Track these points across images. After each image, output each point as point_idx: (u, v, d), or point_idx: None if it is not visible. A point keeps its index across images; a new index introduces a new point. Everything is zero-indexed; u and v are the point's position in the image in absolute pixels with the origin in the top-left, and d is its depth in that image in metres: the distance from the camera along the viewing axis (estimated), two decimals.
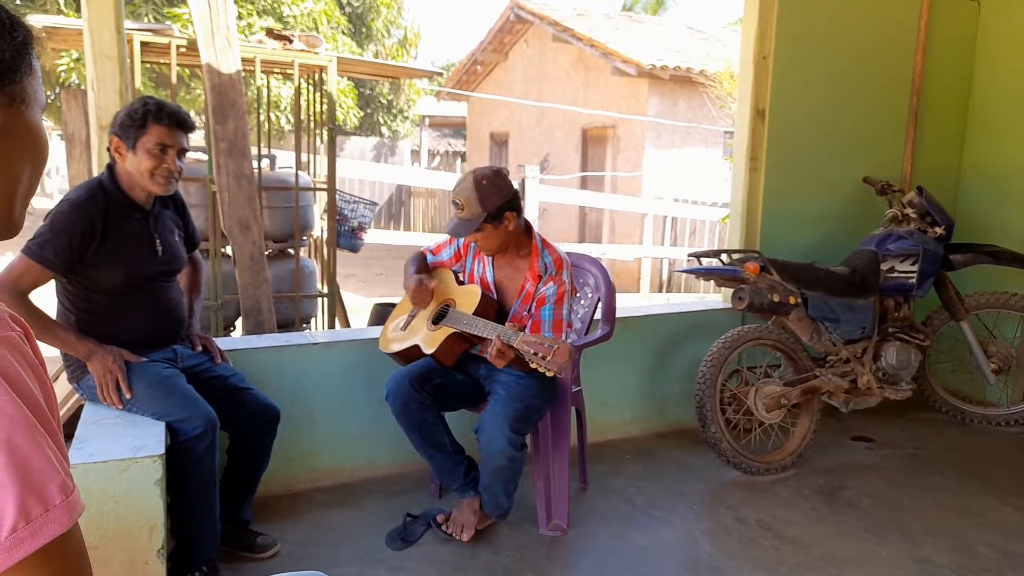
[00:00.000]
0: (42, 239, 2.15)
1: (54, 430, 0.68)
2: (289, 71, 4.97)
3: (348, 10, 13.60)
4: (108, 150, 2.29)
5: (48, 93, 9.34)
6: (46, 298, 2.23)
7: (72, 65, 8.82)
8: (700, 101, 10.98)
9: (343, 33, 12.91)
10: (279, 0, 10.72)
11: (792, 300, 3.20)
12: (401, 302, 2.92)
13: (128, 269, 2.29)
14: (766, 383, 3.31)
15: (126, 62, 2.97)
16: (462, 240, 2.81)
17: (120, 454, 2.02)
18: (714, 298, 4.71)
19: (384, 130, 16.60)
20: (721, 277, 3.30)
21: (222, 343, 2.73)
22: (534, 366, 2.26)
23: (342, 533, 2.71)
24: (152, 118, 2.23)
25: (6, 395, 0.64)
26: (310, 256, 5.55)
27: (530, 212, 9.02)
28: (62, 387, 2.94)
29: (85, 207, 2.20)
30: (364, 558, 2.55)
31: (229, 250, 4.18)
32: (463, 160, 18.18)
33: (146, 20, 8.93)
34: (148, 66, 5.67)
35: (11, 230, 0.79)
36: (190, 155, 2.81)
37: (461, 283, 2.80)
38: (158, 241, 2.37)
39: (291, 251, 4.83)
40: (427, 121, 18.28)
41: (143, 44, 4.10)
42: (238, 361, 2.70)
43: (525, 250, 2.68)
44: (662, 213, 10.62)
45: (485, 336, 2.44)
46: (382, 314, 4.65)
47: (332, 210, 4.89)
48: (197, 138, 4.71)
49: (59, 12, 9.19)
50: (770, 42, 3.72)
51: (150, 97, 2.31)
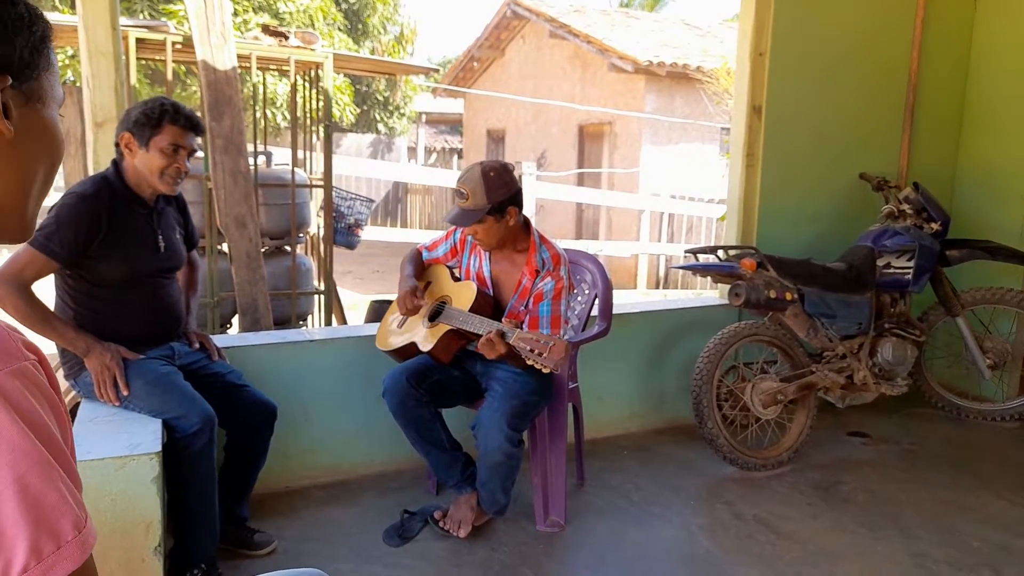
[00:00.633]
0: (48, 230, 2.15)
1: (67, 462, 0.67)
2: (285, 67, 4.96)
3: (344, 6, 13.58)
4: (116, 145, 2.30)
5: None
6: (44, 294, 2.22)
7: (67, 62, 8.80)
8: (697, 97, 10.98)
9: (339, 29, 12.89)
10: None
11: (788, 296, 3.20)
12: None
13: (130, 264, 2.29)
14: (763, 379, 3.31)
15: (121, 59, 2.96)
16: (459, 235, 2.80)
17: (117, 451, 2.02)
18: (711, 294, 4.71)
19: (380, 127, 16.60)
20: (718, 273, 3.31)
21: (219, 340, 2.73)
22: (530, 363, 2.26)
23: (339, 530, 2.71)
24: (168, 119, 2.24)
25: (19, 430, 0.63)
26: (306, 253, 5.54)
27: (527, 209, 9.01)
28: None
29: (91, 200, 2.21)
30: (361, 555, 2.55)
31: (225, 247, 4.17)
32: (460, 157, 18.17)
33: (142, 16, 8.90)
34: (144, 63, 5.65)
35: (24, 232, 0.76)
36: None
37: (457, 279, 2.79)
38: (160, 237, 2.38)
39: (287, 248, 4.82)
40: (423, 118, 18.27)
41: (139, 41, 4.10)
42: (235, 358, 2.70)
43: (523, 245, 2.67)
44: (659, 209, 10.62)
45: (481, 333, 2.43)
46: (379, 311, 4.64)
47: (328, 207, 4.89)
48: None
49: (54, 8, 9.16)
50: (766, 38, 3.72)
51: (165, 98, 2.32)
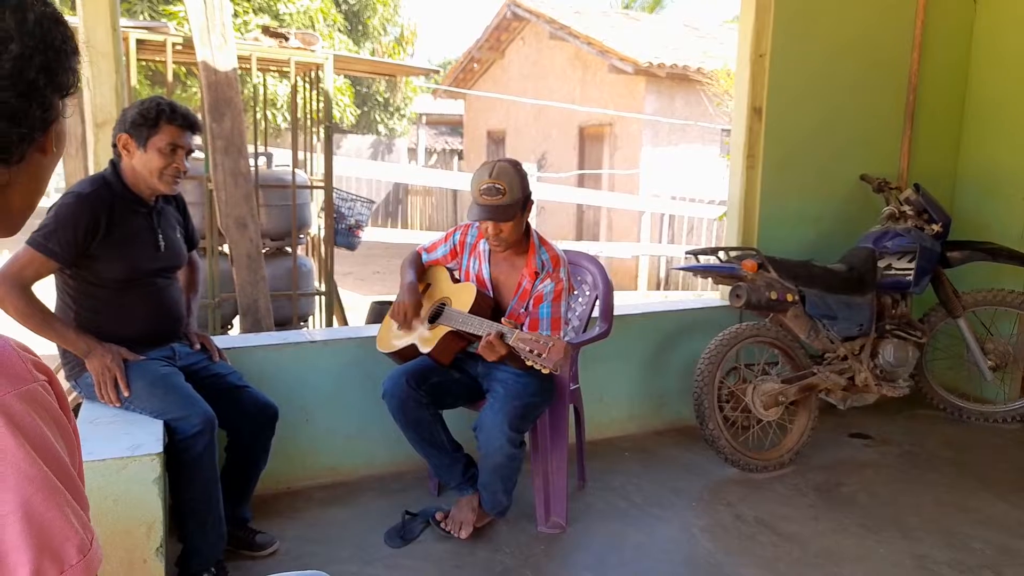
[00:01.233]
0: (47, 231, 2.15)
1: (74, 484, 0.67)
2: (285, 69, 4.97)
3: (344, 8, 13.59)
4: (114, 146, 2.29)
5: None
6: (44, 294, 2.22)
7: None
8: (697, 99, 10.98)
9: (339, 31, 12.90)
10: None
11: (790, 297, 3.20)
12: None
13: (130, 263, 2.29)
14: (764, 380, 3.31)
15: (122, 60, 2.96)
16: (458, 237, 2.80)
17: (118, 453, 2.02)
18: (712, 296, 4.71)
19: (381, 128, 16.59)
20: (719, 275, 3.31)
21: (220, 341, 2.73)
22: (530, 364, 2.26)
23: (341, 531, 2.71)
24: (165, 118, 2.24)
25: (25, 455, 0.63)
26: (307, 254, 5.55)
27: None
28: None
29: (90, 200, 2.20)
30: (363, 556, 2.55)
31: (226, 248, 4.17)
32: (460, 158, 18.16)
33: (142, 18, 8.91)
34: (144, 64, 5.66)
35: (13, 230, 0.79)
36: None
37: (457, 281, 2.79)
38: (160, 237, 2.38)
39: (288, 249, 4.82)
40: (424, 119, 18.26)
41: (139, 42, 4.10)
42: (236, 359, 2.69)
43: (522, 247, 2.67)
44: (659, 211, 10.62)
45: (481, 334, 2.43)
46: (380, 312, 4.65)
47: (329, 208, 4.89)
48: None
49: None
50: (767, 40, 3.72)
51: (161, 97, 2.32)
